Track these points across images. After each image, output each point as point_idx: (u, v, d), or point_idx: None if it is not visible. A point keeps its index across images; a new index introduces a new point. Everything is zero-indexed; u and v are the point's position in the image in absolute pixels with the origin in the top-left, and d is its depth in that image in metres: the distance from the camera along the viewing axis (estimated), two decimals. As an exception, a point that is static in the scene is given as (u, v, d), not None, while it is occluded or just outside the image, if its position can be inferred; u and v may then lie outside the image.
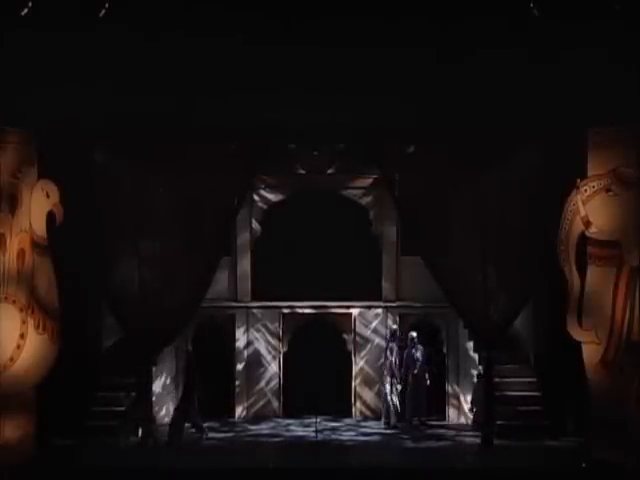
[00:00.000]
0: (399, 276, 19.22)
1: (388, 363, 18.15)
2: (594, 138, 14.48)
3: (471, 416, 18.26)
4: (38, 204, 14.72)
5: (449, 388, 19.05)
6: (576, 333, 14.57)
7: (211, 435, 16.99)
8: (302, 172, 19.29)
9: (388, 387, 18.06)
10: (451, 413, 19.01)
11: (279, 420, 18.81)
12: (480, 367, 17.81)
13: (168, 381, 18.67)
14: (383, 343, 19.11)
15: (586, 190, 14.48)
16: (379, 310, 19.38)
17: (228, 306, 19.21)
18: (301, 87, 15.07)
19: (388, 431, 17.73)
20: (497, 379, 17.48)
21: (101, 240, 16.28)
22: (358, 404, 19.30)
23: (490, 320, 16.55)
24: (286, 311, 19.38)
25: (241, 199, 17.22)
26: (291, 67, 14.88)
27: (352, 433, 17.56)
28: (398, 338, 18.40)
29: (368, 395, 19.22)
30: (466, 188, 16.45)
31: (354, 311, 19.41)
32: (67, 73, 14.31)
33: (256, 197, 19.25)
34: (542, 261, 16.04)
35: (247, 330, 19.29)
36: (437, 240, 16.74)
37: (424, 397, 18.18)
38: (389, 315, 19.27)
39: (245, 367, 19.25)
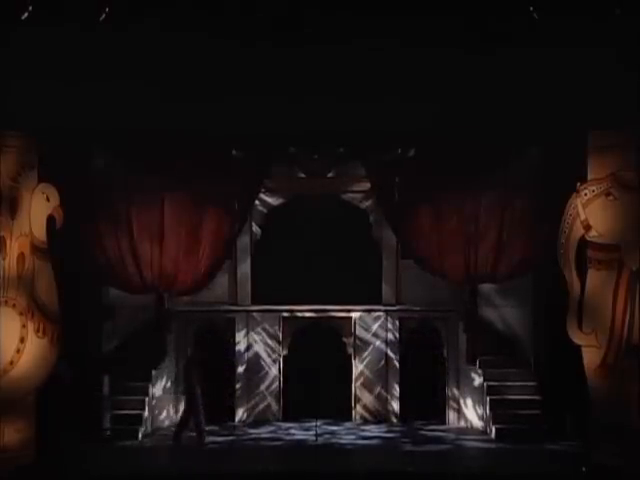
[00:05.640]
0: (399, 279, 19.20)
1: None
2: (594, 141, 14.45)
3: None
4: (38, 208, 14.70)
5: (449, 392, 19.04)
6: (576, 336, 14.55)
7: (211, 439, 16.99)
8: (302, 176, 19.27)
9: None
10: (451, 416, 19.00)
11: (279, 423, 18.81)
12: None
13: (168, 385, 18.67)
14: (383, 346, 19.17)
15: (586, 194, 14.46)
16: (379, 314, 19.38)
17: (228, 309, 19.20)
18: (301, 90, 15.06)
19: (389, 434, 17.75)
20: (497, 382, 17.58)
21: (101, 244, 16.29)
22: (358, 407, 19.29)
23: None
24: (286, 314, 19.36)
25: (244, 204, 17.20)
26: (291, 70, 14.88)
27: (352, 436, 17.55)
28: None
29: (368, 398, 19.22)
30: (465, 191, 16.46)
31: (354, 315, 19.39)
32: (68, 77, 14.30)
33: (256, 201, 19.22)
34: (542, 264, 16.06)
35: (247, 333, 19.29)
36: (432, 245, 16.77)
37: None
38: (389, 319, 19.28)
39: (245, 370, 19.26)
